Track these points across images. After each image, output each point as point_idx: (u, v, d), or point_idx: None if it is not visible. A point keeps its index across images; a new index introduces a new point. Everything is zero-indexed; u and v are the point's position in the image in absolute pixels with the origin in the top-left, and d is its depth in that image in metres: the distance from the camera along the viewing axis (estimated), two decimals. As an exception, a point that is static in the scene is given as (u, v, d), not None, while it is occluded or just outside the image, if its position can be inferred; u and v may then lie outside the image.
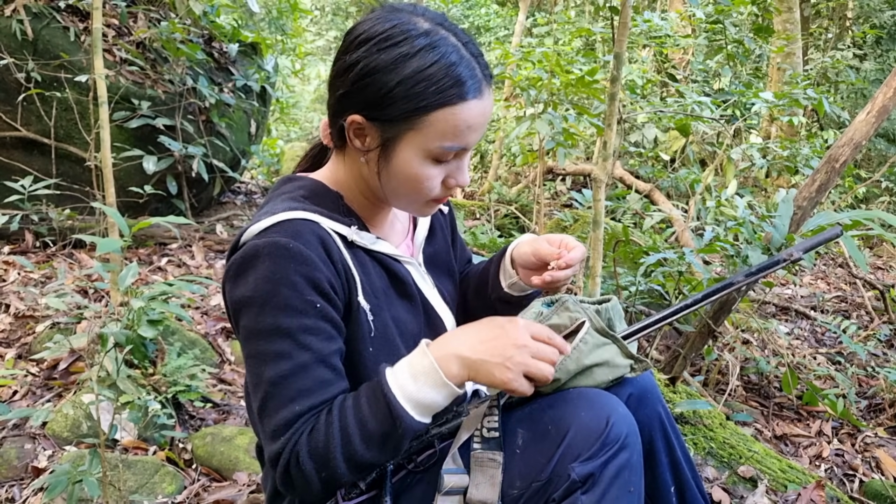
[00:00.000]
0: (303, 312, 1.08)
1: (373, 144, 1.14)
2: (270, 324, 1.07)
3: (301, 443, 1.07)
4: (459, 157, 1.17)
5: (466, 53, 1.11)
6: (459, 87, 1.08)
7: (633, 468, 1.12)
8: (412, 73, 1.07)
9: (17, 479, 2.09)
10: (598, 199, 2.85)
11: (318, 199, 1.20)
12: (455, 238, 1.53)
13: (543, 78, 4.60)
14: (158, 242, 4.30)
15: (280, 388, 1.07)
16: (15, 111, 3.96)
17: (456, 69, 1.08)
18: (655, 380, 1.39)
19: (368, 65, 1.09)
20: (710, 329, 2.75)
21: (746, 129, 6.37)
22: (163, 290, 2.05)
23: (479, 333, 1.11)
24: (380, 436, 1.06)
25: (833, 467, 2.51)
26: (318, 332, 1.09)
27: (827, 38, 10.44)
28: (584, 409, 1.14)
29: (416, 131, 1.10)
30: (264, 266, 1.07)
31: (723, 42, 6.59)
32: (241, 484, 2.11)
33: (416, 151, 1.12)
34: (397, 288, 1.26)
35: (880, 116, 2.67)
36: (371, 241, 1.22)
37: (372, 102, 1.10)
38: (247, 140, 5.19)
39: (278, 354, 1.07)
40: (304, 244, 1.08)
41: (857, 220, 2.55)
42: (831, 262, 5.70)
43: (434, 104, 1.08)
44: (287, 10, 7.25)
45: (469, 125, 1.11)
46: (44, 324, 2.94)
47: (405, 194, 1.18)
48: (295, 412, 1.07)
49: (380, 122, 1.11)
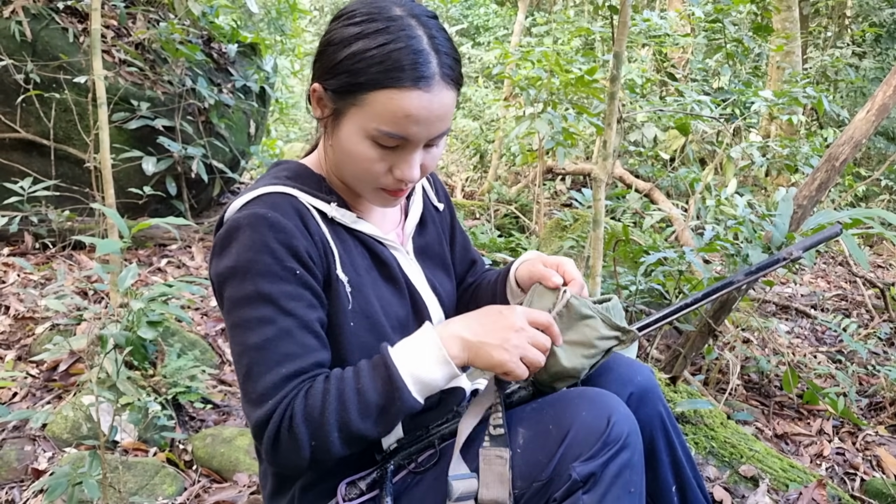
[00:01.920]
0: (284, 279, 1.10)
1: (326, 113, 1.18)
2: (252, 290, 1.09)
3: (296, 406, 1.07)
4: (405, 148, 1.15)
5: (427, 46, 1.10)
6: (401, 73, 1.08)
7: (634, 468, 1.12)
8: (360, 49, 1.09)
9: (17, 481, 2.09)
10: (598, 198, 2.85)
11: (301, 179, 1.23)
12: (454, 237, 1.53)
13: (543, 77, 4.60)
14: (158, 243, 4.30)
15: (265, 353, 1.09)
16: (14, 113, 3.95)
17: (404, 54, 1.08)
18: (657, 379, 1.39)
19: (331, 37, 1.14)
20: (710, 328, 2.75)
21: (746, 128, 6.37)
22: (162, 291, 2.04)
23: (479, 318, 1.15)
24: (376, 407, 1.08)
25: (834, 466, 2.50)
26: (299, 298, 1.11)
27: (826, 36, 10.44)
28: (585, 409, 1.14)
29: (358, 108, 1.12)
30: (245, 236, 1.10)
31: (722, 41, 6.58)
32: (242, 485, 2.11)
33: (356, 128, 1.13)
34: (381, 270, 1.27)
35: (880, 114, 2.66)
36: (352, 219, 1.24)
37: (325, 72, 1.14)
38: (246, 141, 5.19)
39: (261, 320, 1.09)
40: (281, 214, 1.12)
41: (858, 219, 2.55)
42: (831, 261, 5.70)
43: (371, 83, 1.09)
44: (286, 11, 7.25)
45: (408, 114, 1.09)
46: (43, 325, 2.94)
47: (349, 172, 1.20)
48: (282, 375, 1.08)
49: (332, 93, 1.14)
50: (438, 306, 1.37)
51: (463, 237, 1.56)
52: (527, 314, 1.15)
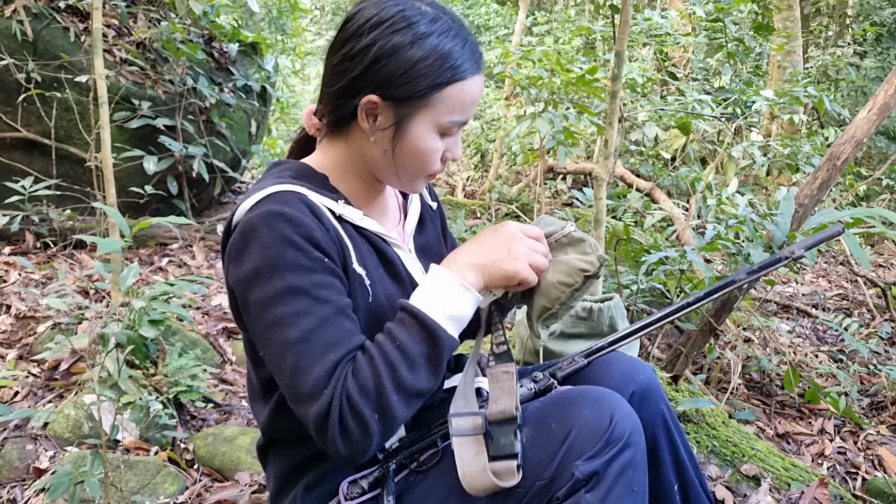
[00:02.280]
0: (312, 269, 1.10)
1: (386, 123, 1.18)
2: (282, 286, 1.08)
3: (349, 387, 1.06)
4: (457, 131, 1.23)
5: (467, 36, 1.19)
6: (464, 66, 1.16)
7: (636, 466, 1.12)
8: (429, 50, 1.14)
9: (19, 480, 2.09)
10: (600, 197, 2.85)
11: (305, 178, 1.23)
12: (446, 235, 1.55)
13: (544, 77, 4.60)
14: (159, 243, 4.30)
15: (310, 345, 1.07)
16: (15, 112, 3.95)
17: (459, 51, 1.16)
18: (658, 378, 1.39)
19: (385, 45, 1.14)
20: (711, 327, 2.75)
21: (747, 127, 6.36)
22: (164, 290, 2.04)
23: (479, 241, 1.21)
24: (422, 356, 1.10)
25: (835, 465, 2.50)
26: (330, 286, 1.11)
27: (827, 35, 10.43)
28: (587, 408, 1.14)
29: (430, 107, 1.16)
30: (263, 235, 1.09)
31: (723, 40, 6.58)
32: (243, 484, 2.11)
33: (428, 126, 1.18)
34: (386, 267, 1.28)
35: (881, 114, 2.66)
36: (359, 216, 1.25)
37: (389, 82, 1.15)
38: (247, 140, 5.19)
39: (298, 313, 1.08)
40: (296, 209, 1.11)
41: (859, 218, 2.54)
42: (832, 260, 5.70)
43: (449, 79, 1.15)
44: (287, 10, 7.24)
45: (473, 99, 1.19)
46: (45, 324, 2.94)
47: (412, 170, 1.23)
48: (332, 362, 1.07)
49: (395, 101, 1.16)
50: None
51: (450, 236, 1.58)
52: (519, 226, 1.21)
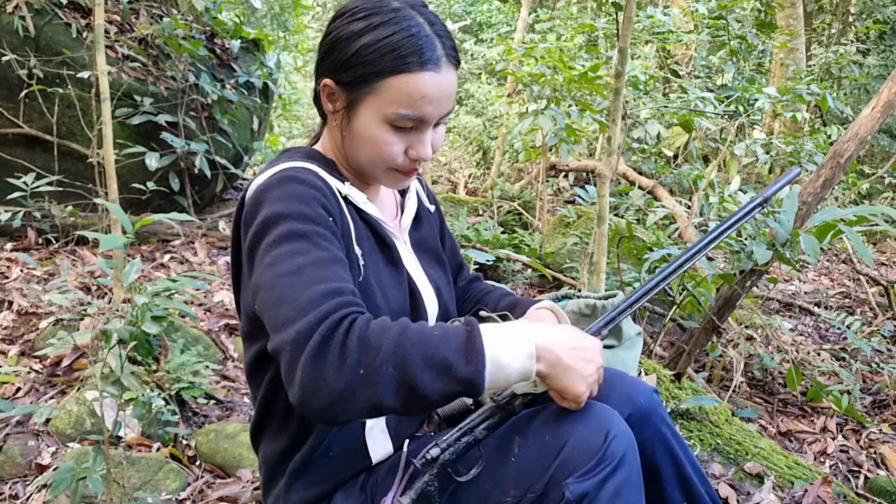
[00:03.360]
0: (316, 222, 1.13)
1: (340, 107, 1.24)
2: (285, 230, 1.10)
3: (357, 324, 1.00)
4: (419, 129, 1.22)
5: (429, 31, 1.19)
6: (414, 57, 1.16)
7: (632, 487, 1.09)
8: (373, 39, 1.16)
9: (21, 476, 2.09)
10: (603, 194, 2.84)
11: (315, 160, 1.28)
12: (444, 240, 1.56)
13: (546, 74, 4.59)
14: (161, 239, 4.30)
15: (298, 277, 1.04)
16: (17, 108, 3.95)
17: (413, 40, 1.16)
18: (661, 399, 1.36)
19: (339, 33, 1.20)
20: (714, 325, 2.74)
21: (749, 125, 6.35)
22: (166, 286, 2.04)
23: (573, 340, 1.11)
24: (443, 362, 0.99)
25: (838, 463, 2.50)
26: (331, 240, 1.13)
27: (830, 33, 10.41)
28: (582, 423, 1.11)
29: (375, 95, 1.18)
30: (275, 193, 1.14)
31: (726, 38, 6.57)
32: (245, 481, 2.11)
33: (373, 115, 1.20)
34: (383, 252, 1.31)
35: (885, 111, 2.65)
36: (363, 200, 1.29)
37: (337, 67, 1.20)
38: (249, 137, 5.19)
39: (295, 252, 1.08)
40: (308, 177, 1.18)
41: (862, 216, 2.54)
42: (835, 258, 5.69)
43: (389, 69, 1.16)
44: (289, 7, 7.24)
45: (423, 95, 1.17)
46: (47, 321, 2.94)
47: (366, 157, 1.25)
48: (321, 290, 1.03)
49: (344, 85, 1.21)
50: (434, 297, 1.38)
51: (451, 241, 1.59)
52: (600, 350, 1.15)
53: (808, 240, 2.33)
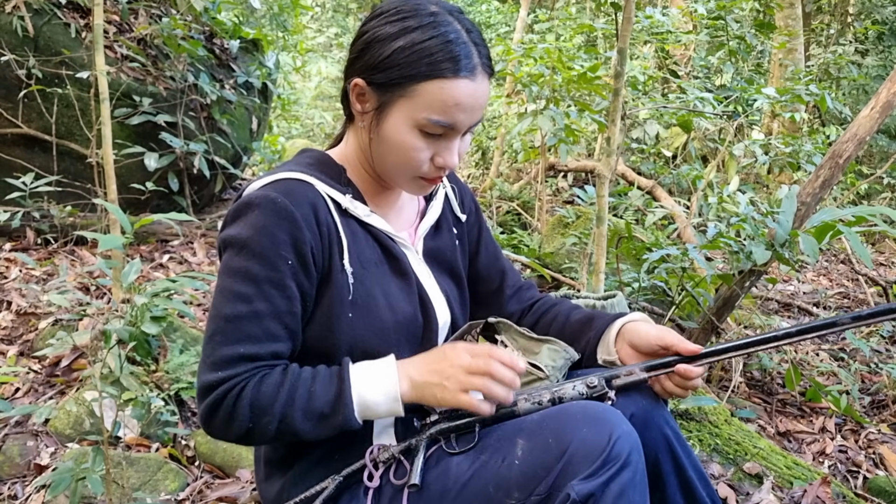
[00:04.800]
0: (273, 266, 1.15)
1: (369, 108, 1.22)
2: (242, 265, 1.16)
3: (248, 389, 1.14)
4: (448, 136, 1.21)
5: (466, 38, 1.18)
6: (451, 63, 1.15)
7: (636, 487, 1.09)
8: (410, 43, 1.15)
9: (20, 477, 2.09)
10: (602, 195, 2.84)
11: (321, 168, 1.28)
12: (479, 249, 1.54)
13: (545, 74, 4.59)
14: (160, 239, 4.29)
15: (231, 326, 1.15)
16: (16, 108, 3.95)
17: (451, 46, 1.16)
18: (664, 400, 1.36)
19: (375, 33, 1.19)
20: (713, 326, 2.75)
21: (748, 126, 6.36)
22: (165, 286, 2.04)
23: (427, 359, 1.20)
24: (320, 414, 1.15)
25: (837, 464, 2.50)
26: (282, 288, 1.16)
27: (829, 33, 10.41)
28: (586, 424, 1.11)
29: (407, 99, 1.17)
30: (253, 215, 1.16)
31: (724, 38, 6.57)
32: (244, 481, 2.11)
33: (404, 119, 1.19)
34: (391, 263, 1.30)
35: (884, 112, 2.66)
36: (365, 212, 1.28)
37: (371, 67, 1.19)
38: (248, 137, 5.18)
39: (239, 296, 1.15)
40: (292, 202, 1.17)
41: (861, 217, 2.54)
42: (833, 259, 5.70)
43: (424, 74, 1.15)
44: (288, 7, 7.23)
45: (457, 102, 1.17)
46: (46, 321, 2.94)
47: (392, 162, 1.24)
48: (239, 353, 1.15)
49: (377, 87, 1.19)
50: (446, 307, 1.38)
51: (490, 249, 1.56)
52: (469, 349, 1.18)
53: (806, 240, 2.33)
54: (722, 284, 2.78)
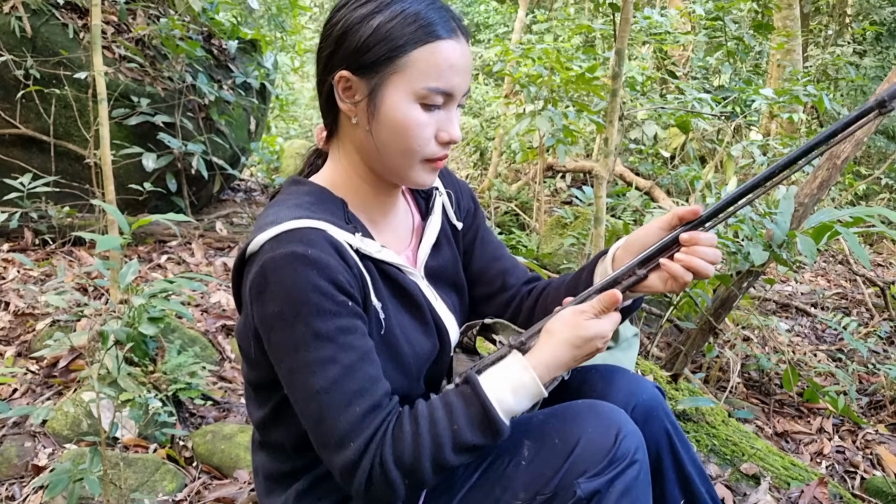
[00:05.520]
0: (336, 314, 1.07)
1: (360, 97, 1.16)
2: (307, 332, 1.06)
3: (385, 452, 1.06)
4: (447, 105, 1.17)
5: (439, 5, 1.16)
6: (432, 27, 1.12)
7: (640, 486, 1.11)
8: (385, 19, 1.12)
9: (18, 478, 2.09)
10: (600, 195, 2.85)
11: (324, 206, 1.19)
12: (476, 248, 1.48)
13: (543, 75, 4.60)
14: (158, 240, 4.29)
15: (334, 395, 1.06)
16: (14, 108, 3.94)
17: (428, 12, 1.13)
18: (662, 392, 1.37)
19: (347, 20, 1.14)
20: (711, 326, 2.75)
21: (746, 126, 6.36)
22: (163, 287, 2.04)
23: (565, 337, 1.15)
24: (473, 445, 1.09)
25: (834, 464, 2.51)
26: (354, 330, 1.09)
27: (827, 34, 10.43)
28: (592, 424, 1.13)
29: (400, 73, 1.13)
30: (286, 277, 1.05)
31: (723, 39, 6.57)
32: (242, 482, 2.11)
33: (402, 94, 1.13)
34: (402, 298, 1.24)
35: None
36: (376, 249, 1.20)
37: (353, 52, 1.14)
38: (246, 137, 5.18)
39: (323, 361, 1.06)
40: (321, 250, 1.07)
41: (859, 217, 2.54)
42: (831, 259, 5.70)
43: (413, 40, 1.11)
44: (286, 7, 7.22)
45: (450, 63, 1.13)
46: (44, 322, 2.94)
47: (397, 149, 1.17)
48: (357, 414, 1.06)
49: (364, 71, 1.14)
50: (455, 323, 1.36)
51: (488, 250, 1.49)
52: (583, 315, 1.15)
53: (804, 241, 2.33)
54: (720, 285, 2.78)
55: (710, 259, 1.14)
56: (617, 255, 1.27)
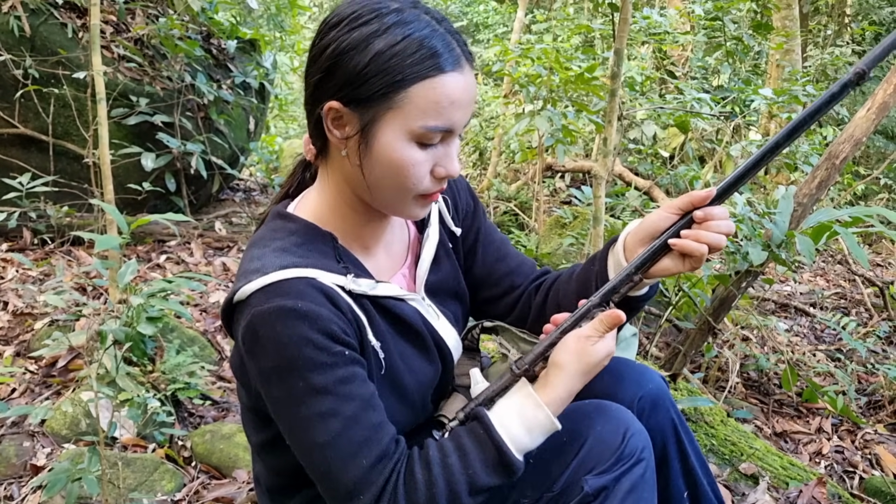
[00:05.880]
0: (333, 365, 1.03)
1: (352, 131, 1.07)
2: (304, 387, 1.02)
3: (399, 492, 1.04)
4: (446, 141, 1.09)
5: (441, 29, 1.05)
6: (436, 59, 1.02)
7: (646, 483, 1.12)
8: (385, 47, 1.01)
9: (16, 477, 2.09)
10: (599, 195, 2.85)
11: (312, 246, 1.13)
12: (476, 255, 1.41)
13: (542, 75, 4.59)
14: (157, 240, 4.29)
15: (337, 449, 1.03)
16: (13, 108, 3.94)
17: (430, 41, 1.03)
18: (667, 383, 1.37)
19: (340, 45, 1.03)
20: (709, 326, 2.75)
21: (745, 126, 6.36)
22: (162, 287, 2.04)
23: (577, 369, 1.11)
24: (489, 487, 1.07)
25: (833, 464, 2.51)
26: (353, 378, 1.05)
27: (826, 34, 10.43)
28: (599, 423, 1.15)
29: (396, 110, 1.03)
30: (278, 332, 1.01)
31: (722, 39, 6.58)
32: (241, 481, 2.11)
33: (398, 133, 1.05)
34: (402, 327, 1.20)
35: (880, 113, 2.66)
36: (370, 286, 1.15)
37: (346, 83, 1.04)
38: (245, 137, 5.18)
39: (322, 415, 1.02)
40: (311, 301, 1.03)
41: (858, 217, 2.54)
42: (830, 259, 5.70)
43: (410, 77, 1.02)
44: (285, 7, 7.23)
45: (452, 100, 1.04)
46: (42, 321, 2.94)
47: (390, 187, 1.10)
48: (364, 467, 1.03)
49: (357, 105, 1.05)
50: (455, 333, 1.32)
51: (490, 251, 1.42)
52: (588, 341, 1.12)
53: (803, 241, 2.33)
54: (719, 285, 2.78)
55: (725, 231, 1.11)
56: (628, 244, 1.22)
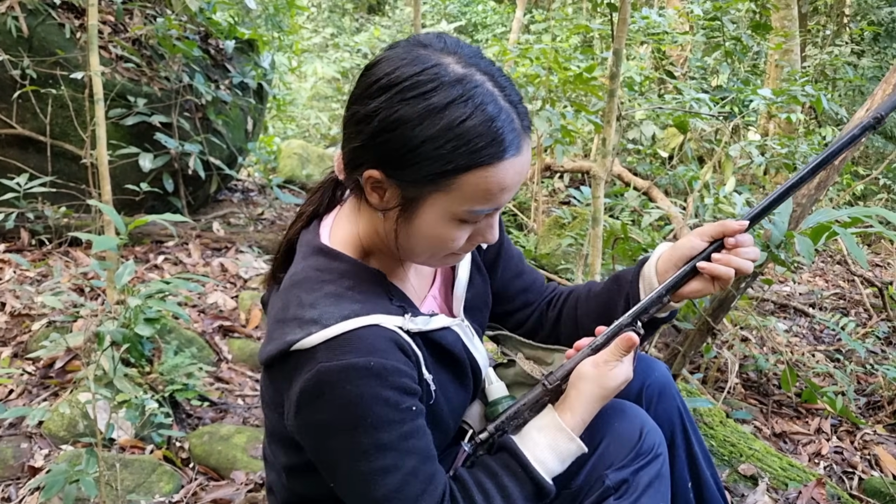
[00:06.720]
0: (400, 422, 1.01)
1: (392, 203, 1.02)
2: (368, 444, 0.99)
3: None
4: (490, 216, 1.05)
5: (505, 103, 0.96)
6: (496, 147, 0.95)
7: (662, 478, 1.17)
8: (441, 129, 0.92)
9: (14, 479, 2.08)
10: (598, 195, 2.84)
11: (366, 287, 1.08)
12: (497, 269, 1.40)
13: (541, 75, 4.59)
14: (155, 240, 4.28)
15: (396, 502, 1.02)
16: (10, 109, 3.93)
17: (493, 125, 0.94)
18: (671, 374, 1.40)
19: (389, 117, 0.94)
20: (708, 327, 2.74)
21: (744, 126, 6.36)
22: (160, 288, 2.04)
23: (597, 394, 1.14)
24: None
25: (832, 465, 2.50)
26: (416, 432, 1.04)
27: (825, 34, 10.43)
28: (616, 420, 1.19)
29: (443, 193, 0.98)
30: (349, 392, 0.97)
31: (721, 39, 6.58)
32: (239, 483, 2.10)
33: (441, 214, 1.00)
34: (444, 357, 1.17)
35: (880, 113, 2.65)
36: (425, 322, 1.11)
37: (392, 159, 0.97)
38: (243, 137, 5.17)
39: (384, 470, 1.01)
40: (383, 357, 0.99)
41: (857, 217, 2.54)
42: (829, 260, 5.70)
43: (465, 165, 0.94)
44: (284, 7, 7.22)
45: (503, 187, 0.98)
46: (40, 322, 2.93)
47: (422, 253, 1.08)
48: None
49: (400, 180, 0.99)
50: (485, 353, 1.32)
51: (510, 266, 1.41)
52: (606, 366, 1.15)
53: (802, 241, 2.33)
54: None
55: (752, 258, 1.15)
56: (660, 267, 1.22)
